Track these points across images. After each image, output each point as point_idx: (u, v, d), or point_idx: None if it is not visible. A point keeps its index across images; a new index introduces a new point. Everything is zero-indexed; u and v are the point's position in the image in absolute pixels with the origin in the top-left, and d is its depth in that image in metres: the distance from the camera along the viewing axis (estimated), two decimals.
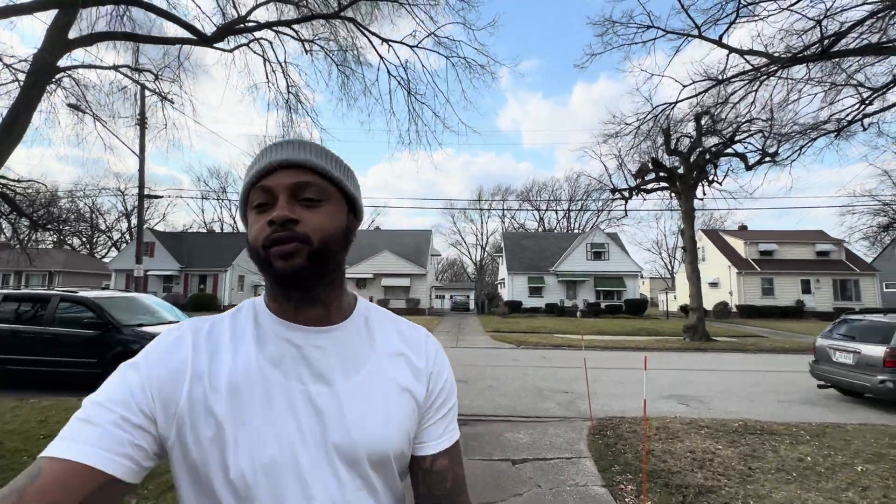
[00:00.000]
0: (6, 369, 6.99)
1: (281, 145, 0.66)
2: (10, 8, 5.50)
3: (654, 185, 17.72)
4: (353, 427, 0.62)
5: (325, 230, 0.63)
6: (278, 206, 0.62)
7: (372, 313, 0.75)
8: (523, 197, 59.90)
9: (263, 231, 0.62)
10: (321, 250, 0.62)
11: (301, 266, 0.61)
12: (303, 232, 0.61)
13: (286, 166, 0.64)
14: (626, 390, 7.83)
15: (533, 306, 31.13)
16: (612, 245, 32.24)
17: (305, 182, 0.63)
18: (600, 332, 19.75)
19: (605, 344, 15.02)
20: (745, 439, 4.82)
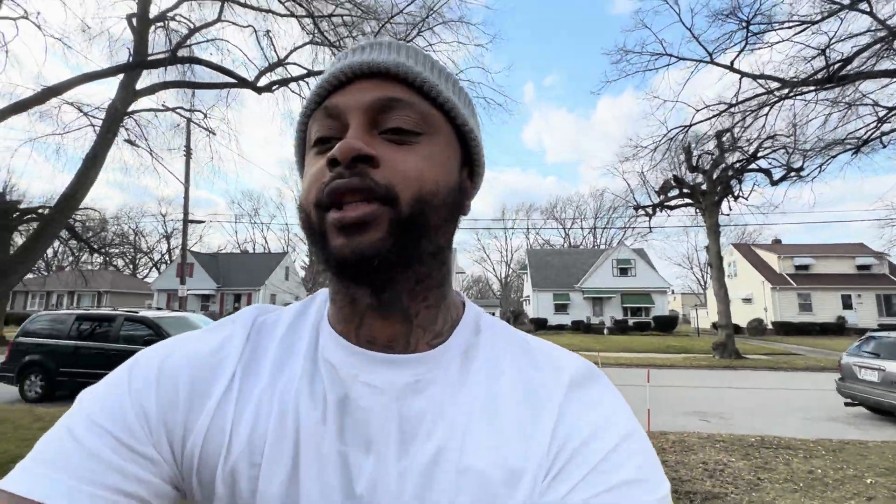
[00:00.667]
0: (76, 382, 7.82)
1: (362, 46, 0.44)
2: (91, 74, 6.44)
3: (677, 202, 17.77)
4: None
5: (426, 180, 0.39)
6: (347, 136, 0.38)
7: (483, 339, 0.47)
8: (548, 213, 60.03)
9: (321, 177, 0.39)
10: (415, 216, 0.38)
11: (378, 247, 0.37)
12: (384, 181, 0.37)
13: (367, 75, 0.41)
14: (647, 406, 7.99)
15: (559, 323, 31.03)
16: (638, 261, 31.94)
17: (395, 99, 0.40)
18: (627, 349, 19.62)
19: (630, 361, 15.00)
20: (759, 453, 5.00)
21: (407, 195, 0.38)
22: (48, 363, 7.81)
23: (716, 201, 15.96)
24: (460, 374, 0.43)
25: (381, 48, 0.42)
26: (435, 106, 0.42)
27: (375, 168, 0.37)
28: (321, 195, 0.38)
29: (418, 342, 0.44)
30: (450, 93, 0.43)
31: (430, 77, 0.42)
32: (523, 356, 0.46)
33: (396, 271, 0.39)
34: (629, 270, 31.74)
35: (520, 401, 0.42)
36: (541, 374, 0.44)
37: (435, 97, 0.42)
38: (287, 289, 39.40)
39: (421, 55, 0.44)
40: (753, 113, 8.98)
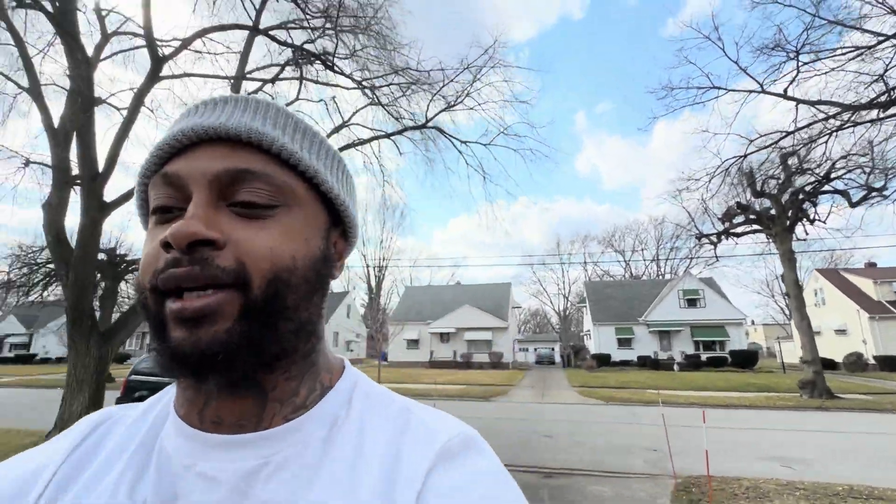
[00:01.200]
0: None
1: (212, 102, 0.39)
2: None
3: (744, 229, 16.87)
4: None
5: (279, 259, 0.35)
6: (186, 214, 0.34)
7: (353, 410, 0.41)
8: (606, 243, 58.35)
9: (155, 260, 0.34)
10: (269, 299, 0.34)
11: (223, 340, 0.33)
12: (230, 265, 0.33)
13: (213, 139, 0.36)
14: (722, 449, 7.56)
15: (623, 359, 29.57)
16: (707, 290, 30.02)
17: (246, 171, 0.36)
18: (701, 387, 18.31)
19: (704, 401, 14.03)
20: (845, 503, 4.67)
21: (258, 277, 0.33)
22: None
23: (787, 226, 14.99)
24: (321, 454, 0.37)
25: (235, 106, 0.38)
26: (295, 174, 0.38)
27: (219, 250, 0.33)
28: (156, 281, 0.33)
29: (273, 418, 0.37)
30: (313, 159, 0.39)
31: (289, 143, 0.37)
32: (395, 425, 0.40)
33: (244, 361, 0.34)
34: (698, 301, 29.85)
35: (383, 473, 0.36)
36: (410, 443, 0.38)
37: (294, 165, 0.37)
38: (349, 326, 41.01)
39: (281, 114, 0.39)
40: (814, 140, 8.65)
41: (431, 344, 33.96)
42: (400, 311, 36.58)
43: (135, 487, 0.36)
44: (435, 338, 33.87)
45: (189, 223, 0.32)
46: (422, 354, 33.52)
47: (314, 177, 0.39)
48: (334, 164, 0.43)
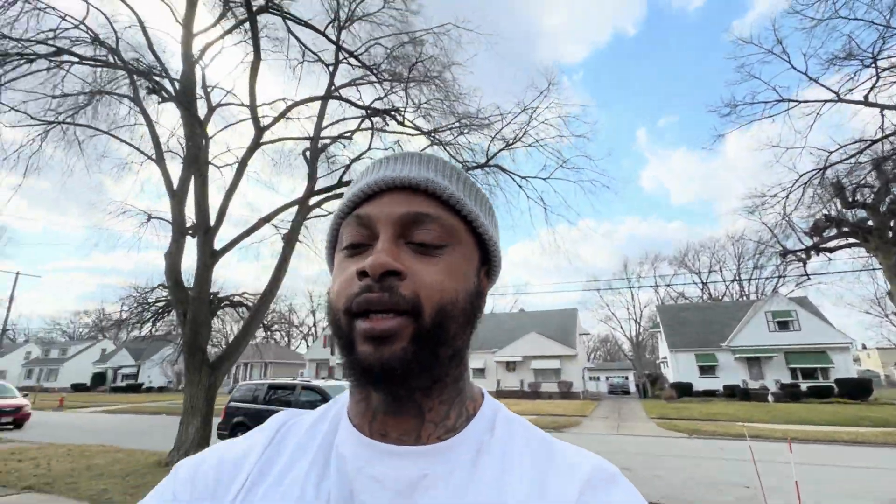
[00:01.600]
0: None
1: (395, 158, 0.48)
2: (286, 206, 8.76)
3: (837, 243, 15.38)
4: None
5: (446, 293, 0.42)
6: (377, 248, 0.42)
7: (496, 436, 0.46)
8: (678, 262, 54.74)
9: (350, 286, 0.42)
10: (436, 327, 0.41)
11: (400, 356, 0.40)
12: (410, 294, 0.40)
13: (397, 188, 0.44)
14: (825, 490, 6.89)
15: (707, 388, 27.25)
16: (801, 311, 27.13)
17: (423, 214, 0.43)
18: (802, 420, 16.48)
19: (806, 435, 12.65)
20: None
21: (429, 307, 0.40)
22: (250, 423, 9.85)
23: (891, 238, 13.48)
24: (470, 474, 0.42)
25: (412, 161, 0.46)
26: (459, 217, 0.45)
27: (402, 281, 0.40)
28: (350, 304, 0.40)
29: (429, 436, 0.43)
30: (473, 205, 0.46)
31: (456, 192, 0.45)
32: (537, 454, 0.44)
33: (415, 377, 0.40)
34: (790, 324, 27.02)
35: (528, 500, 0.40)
36: (555, 473, 0.42)
37: (459, 210, 0.45)
38: None
39: (448, 168, 0.47)
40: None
41: (497, 373, 33.58)
42: None
43: (319, 484, 0.42)
44: (501, 367, 33.48)
45: (381, 256, 0.40)
46: (488, 384, 33.19)
47: (474, 220, 0.46)
48: (486, 208, 0.50)
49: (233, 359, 8.42)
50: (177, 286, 8.71)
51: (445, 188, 0.44)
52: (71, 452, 9.08)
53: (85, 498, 6.14)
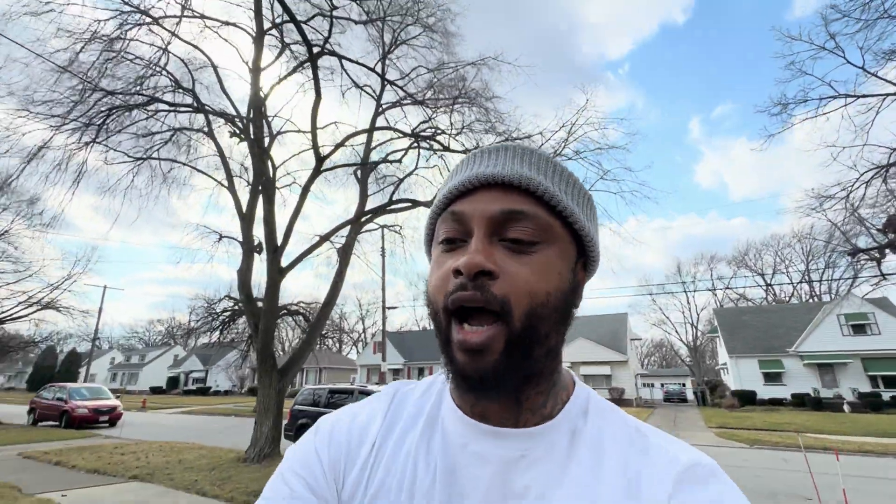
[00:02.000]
0: None
1: (489, 152, 0.49)
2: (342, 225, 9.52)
3: None
4: None
5: (537, 294, 0.43)
6: (471, 247, 0.44)
7: (590, 423, 0.48)
8: (738, 262, 51.49)
9: (446, 283, 0.45)
10: (526, 331, 0.43)
11: (493, 366, 0.42)
12: (501, 294, 0.42)
13: (491, 184, 0.46)
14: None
15: (772, 397, 25.61)
16: (881, 314, 24.93)
17: (516, 212, 0.45)
18: (882, 432, 15.26)
19: (885, 448, 11.78)
20: None
21: (519, 311, 0.42)
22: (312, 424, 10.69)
23: None
24: (566, 458, 0.44)
25: (507, 156, 0.46)
26: (554, 214, 0.46)
27: (494, 280, 0.42)
28: (447, 302, 0.43)
29: (526, 422, 0.47)
30: (569, 199, 0.46)
31: (551, 187, 0.45)
32: (631, 444, 0.45)
33: (509, 380, 0.44)
34: (867, 327, 24.87)
35: (624, 487, 0.41)
36: (650, 465, 0.43)
37: (554, 206, 0.45)
38: None
39: (543, 161, 0.47)
40: None
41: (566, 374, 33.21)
42: None
43: (429, 448, 0.49)
44: None
45: (475, 256, 0.42)
46: None
47: (570, 216, 0.46)
48: (585, 201, 0.49)
49: (298, 365, 9.23)
50: (248, 300, 9.66)
51: (539, 184, 0.44)
52: (163, 448, 10.26)
53: (181, 487, 7.04)
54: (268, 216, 8.43)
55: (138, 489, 6.97)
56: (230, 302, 26.75)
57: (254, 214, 9.89)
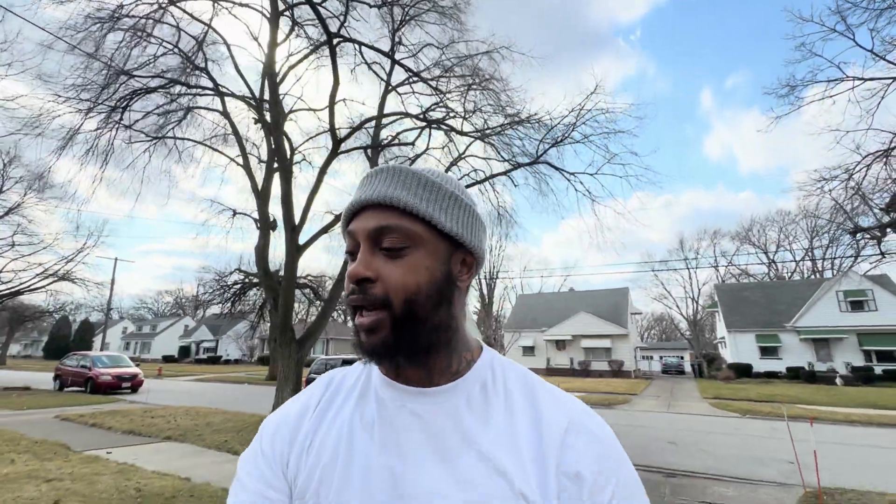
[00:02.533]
0: None
1: (366, 178, 0.59)
2: None
3: None
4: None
5: (409, 287, 0.54)
6: (356, 260, 0.55)
7: (497, 377, 0.61)
8: (742, 237, 51.56)
9: (347, 289, 0.56)
10: (406, 314, 0.54)
11: (383, 342, 0.54)
12: (380, 294, 0.53)
13: (369, 206, 0.57)
14: (881, 471, 7.11)
15: (768, 370, 26.39)
16: (879, 291, 25.32)
17: (385, 227, 0.55)
18: (870, 404, 15.90)
19: (870, 419, 12.40)
20: None
21: (397, 301, 0.53)
22: None
23: None
24: (483, 406, 0.57)
25: (382, 180, 0.57)
26: (419, 221, 0.55)
27: (373, 283, 0.53)
28: (348, 303, 0.56)
29: (439, 381, 0.58)
30: (432, 207, 0.56)
31: (411, 201, 0.55)
32: (531, 396, 0.58)
33: (402, 353, 0.55)
34: (865, 304, 25.32)
35: (532, 438, 0.54)
36: (547, 408, 0.57)
37: (417, 215, 0.55)
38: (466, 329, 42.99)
39: (410, 179, 0.57)
40: None
41: (547, 351, 34.16)
42: (514, 319, 37.43)
43: (364, 410, 0.60)
44: (551, 345, 34.01)
45: (357, 268, 0.54)
46: (538, 361, 33.92)
47: (433, 221, 0.56)
48: (451, 204, 0.58)
49: (315, 336, 9.73)
50: (266, 275, 10.09)
51: (399, 200, 0.54)
52: (189, 412, 10.95)
53: (212, 446, 7.66)
54: (286, 196, 8.72)
55: (173, 448, 7.59)
56: (241, 275, 27.29)
57: (269, 192, 10.20)
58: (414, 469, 0.53)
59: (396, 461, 0.54)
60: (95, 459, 6.32)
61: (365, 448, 0.55)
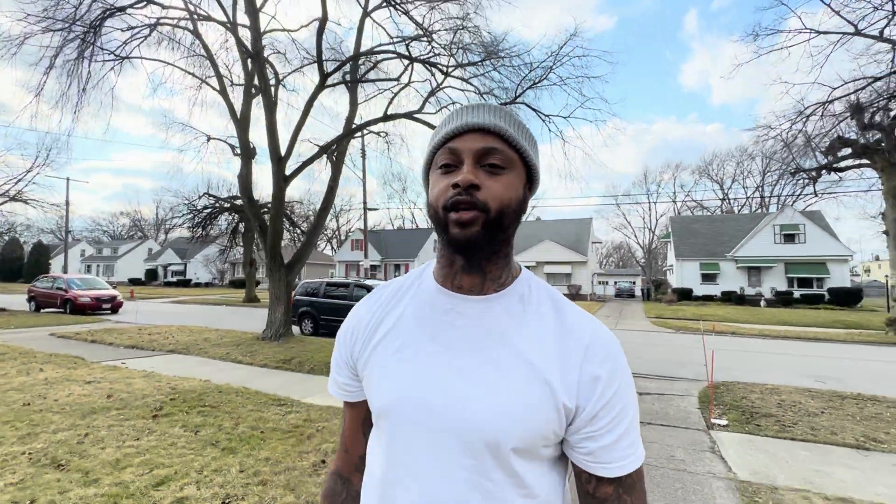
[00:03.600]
0: (330, 324, 12.13)
1: (472, 108, 0.69)
2: (339, 137, 9.97)
3: (848, 163, 15.99)
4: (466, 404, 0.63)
5: (504, 199, 0.65)
6: (463, 170, 0.64)
7: (533, 291, 0.72)
8: (701, 171, 53.96)
9: (446, 192, 0.64)
10: (497, 219, 0.64)
11: (476, 235, 0.63)
12: (483, 199, 0.63)
13: (475, 130, 0.66)
14: (769, 371, 8.95)
15: (706, 294, 29.56)
16: (809, 226, 28.06)
17: (492, 148, 0.65)
18: (783, 322, 18.65)
19: (777, 333, 14.78)
20: (842, 402, 6.09)
21: (495, 207, 0.63)
22: (314, 313, 12.29)
23: None
24: (521, 307, 0.69)
25: (485, 111, 0.67)
26: (516, 151, 0.67)
27: (478, 190, 0.63)
28: (447, 202, 0.63)
29: (489, 288, 0.70)
30: (524, 143, 0.68)
31: (513, 133, 0.66)
32: (558, 309, 0.70)
33: (485, 249, 0.66)
34: (796, 237, 28.16)
35: (557, 341, 0.65)
36: (572, 327, 0.67)
37: (516, 146, 0.67)
38: None
39: (509, 117, 0.69)
40: None
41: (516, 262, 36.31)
42: None
43: (418, 313, 0.72)
44: None
45: (467, 175, 0.63)
46: None
47: (523, 152, 0.68)
48: (532, 143, 0.71)
49: (302, 261, 10.42)
50: (250, 202, 10.44)
51: (505, 130, 0.66)
52: (182, 330, 11.73)
53: (216, 358, 8.56)
54: (270, 126, 8.84)
55: (181, 359, 8.43)
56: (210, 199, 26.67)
57: (248, 119, 10.19)
58: (458, 356, 0.66)
59: (443, 350, 0.66)
60: (116, 368, 7.11)
61: (418, 337, 0.69)
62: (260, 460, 3.51)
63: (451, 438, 0.62)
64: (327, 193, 10.78)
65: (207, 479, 3.13)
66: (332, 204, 10.84)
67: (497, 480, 0.61)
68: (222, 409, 4.90)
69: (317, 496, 2.92)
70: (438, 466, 0.63)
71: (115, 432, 4.05)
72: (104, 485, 2.99)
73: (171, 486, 3.01)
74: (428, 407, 0.64)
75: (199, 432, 4.11)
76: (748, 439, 4.67)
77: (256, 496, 2.91)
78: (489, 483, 0.61)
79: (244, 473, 3.24)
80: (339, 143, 9.88)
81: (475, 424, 0.61)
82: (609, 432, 0.62)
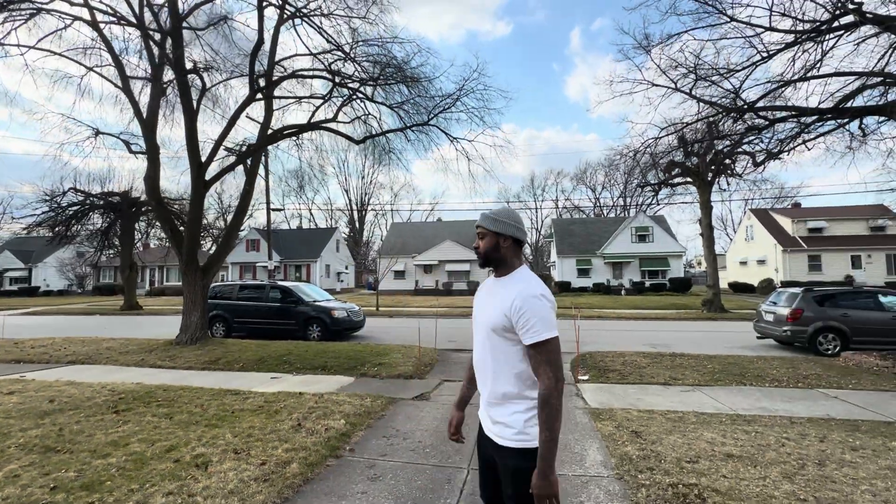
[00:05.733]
0: (245, 326, 12.21)
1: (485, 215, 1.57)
2: (257, 145, 10.28)
3: (679, 180, 20.47)
4: (487, 313, 1.50)
5: (484, 248, 1.54)
6: (478, 242, 1.58)
7: (515, 277, 1.49)
8: (578, 178, 61.71)
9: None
10: (484, 255, 1.54)
11: (481, 262, 1.56)
12: (482, 250, 1.55)
13: (479, 226, 1.56)
14: (621, 342, 11.60)
15: (581, 286, 34.36)
16: (656, 228, 34.38)
17: (482, 232, 1.56)
18: (636, 306, 22.94)
19: (631, 315, 18.46)
20: (661, 358, 8.58)
21: (482, 252, 1.58)
22: (227, 316, 12.24)
23: (708, 181, 18.64)
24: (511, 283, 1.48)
25: (483, 217, 1.59)
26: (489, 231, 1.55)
27: (479, 248, 1.59)
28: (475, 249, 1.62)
29: (503, 275, 1.55)
30: (490, 226, 1.54)
31: (484, 224, 1.56)
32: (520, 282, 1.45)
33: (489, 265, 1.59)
34: (647, 237, 34.35)
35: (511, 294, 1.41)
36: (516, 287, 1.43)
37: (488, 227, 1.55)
38: (339, 259, 44.22)
39: (489, 216, 1.57)
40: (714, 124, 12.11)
41: (416, 274, 37.91)
42: (387, 246, 39.86)
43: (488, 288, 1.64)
44: (419, 269, 37.77)
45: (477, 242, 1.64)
46: (408, 284, 37.56)
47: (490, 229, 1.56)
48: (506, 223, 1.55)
49: (218, 264, 10.46)
50: (159, 205, 10.23)
51: (483, 224, 1.57)
52: (72, 342, 10.79)
53: (132, 364, 8.33)
54: (190, 133, 8.86)
55: (91, 369, 8.03)
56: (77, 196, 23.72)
57: (156, 120, 9.97)
58: (489, 300, 1.54)
59: (487, 298, 1.57)
60: (25, 381, 6.71)
61: (484, 296, 1.61)
62: (245, 428, 4.28)
63: (480, 325, 1.58)
64: (243, 197, 10.96)
65: (209, 443, 3.86)
66: (248, 207, 11.04)
67: (493, 341, 1.47)
68: (180, 402, 5.35)
69: (305, 446, 3.85)
70: (479, 340, 1.57)
71: (90, 424, 4.39)
72: (117, 456, 3.55)
73: (182, 450, 3.69)
74: (476, 315, 1.63)
75: (173, 418, 4.64)
76: (599, 387, 6.62)
77: (258, 448, 3.76)
78: (489, 342, 1.49)
79: (238, 437, 4.02)
80: (255, 151, 10.18)
81: (486, 321, 1.51)
82: (523, 327, 1.38)
